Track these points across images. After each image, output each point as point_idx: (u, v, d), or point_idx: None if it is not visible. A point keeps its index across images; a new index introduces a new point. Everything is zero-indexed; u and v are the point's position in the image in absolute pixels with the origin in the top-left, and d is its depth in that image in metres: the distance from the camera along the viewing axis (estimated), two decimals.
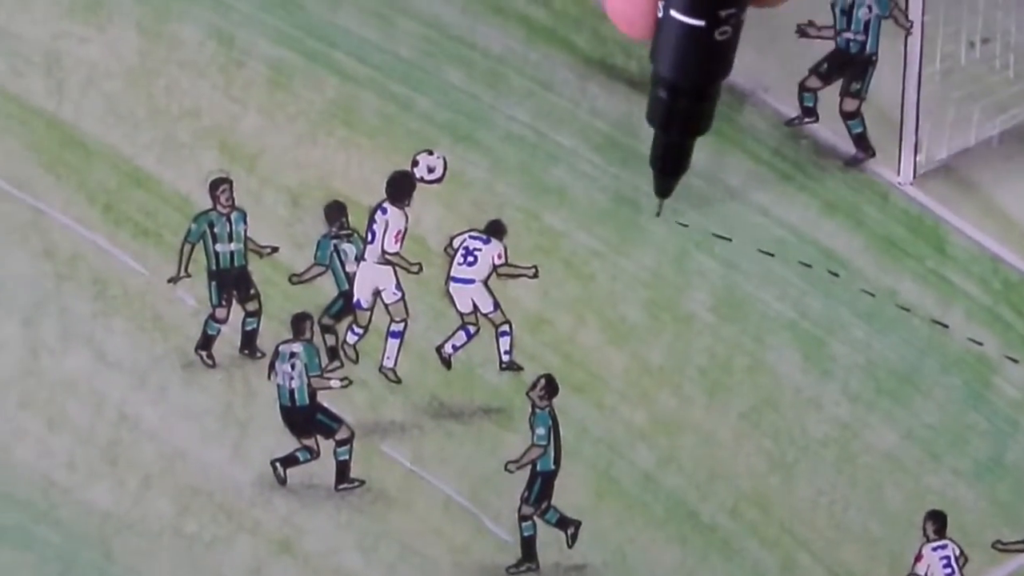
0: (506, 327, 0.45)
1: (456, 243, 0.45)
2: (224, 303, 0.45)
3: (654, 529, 0.45)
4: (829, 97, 0.46)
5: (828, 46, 0.46)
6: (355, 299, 0.46)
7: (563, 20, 0.45)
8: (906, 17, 0.46)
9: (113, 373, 0.45)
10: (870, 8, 0.46)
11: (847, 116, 0.46)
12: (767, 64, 0.45)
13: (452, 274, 0.45)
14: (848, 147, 0.46)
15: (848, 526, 0.45)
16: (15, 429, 0.44)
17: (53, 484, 0.44)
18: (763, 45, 0.45)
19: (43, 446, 0.44)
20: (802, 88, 0.46)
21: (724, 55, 0.31)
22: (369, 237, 0.45)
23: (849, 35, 0.46)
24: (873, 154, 0.46)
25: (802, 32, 0.46)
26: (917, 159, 0.46)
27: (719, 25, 0.30)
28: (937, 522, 0.45)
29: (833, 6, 0.46)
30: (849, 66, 0.46)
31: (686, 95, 0.33)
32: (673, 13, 0.30)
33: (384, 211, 0.45)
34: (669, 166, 0.37)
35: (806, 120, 0.46)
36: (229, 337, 0.45)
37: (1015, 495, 0.45)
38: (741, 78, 0.45)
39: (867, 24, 0.46)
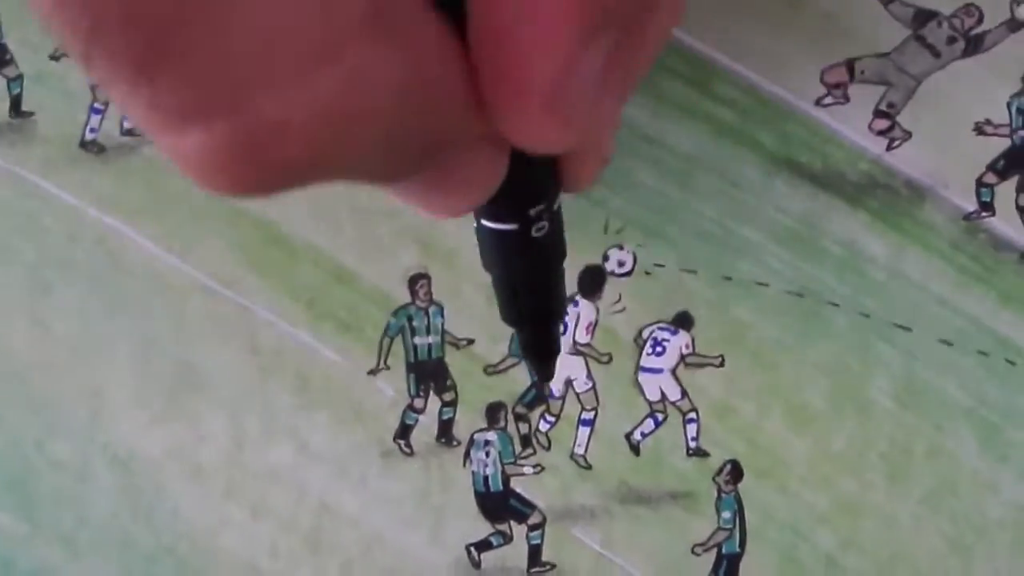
0: (693, 415, 0.47)
1: (645, 334, 0.47)
2: (422, 394, 0.47)
3: None
4: (1006, 192, 0.48)
5: (1005, 143, 0.47)
6: (548, 389, 0.47)
7: (749, 120, 0.47)
8: None
9: (315, 463, 0.46)
10: None
11: (1023, 211, 0.48)
12: (946, 162, 0.47)
13: (641, 364, 0.47)
14: None
15: None
16: (220, 517, 0.46)
17: (256, 571, 0.46)
18: (942, 143, 0.47)
19: (247, 534, 0.46)
20: (979, 184, 0.47)
21: (549, 247, 0.29)
22: (562, 329, 0.47)
23: None
24: None
25: (979, 130, 0.47)
26: None
27: (533, 223, 0.28)
28: None
29: (1009, 105, 0.47)
30: None
31: (530, 290, 0.31)
32: (484, 223, 0.29)
33: (576, 304, 0.47)
34: (544, 352, 0.34)
35: (983, 214, 0.47)
36: (426, 426, 0.47)
37: None
38: (921, 175, 0.47)
39: None
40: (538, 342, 0.33)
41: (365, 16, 0.17)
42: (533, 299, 0.31)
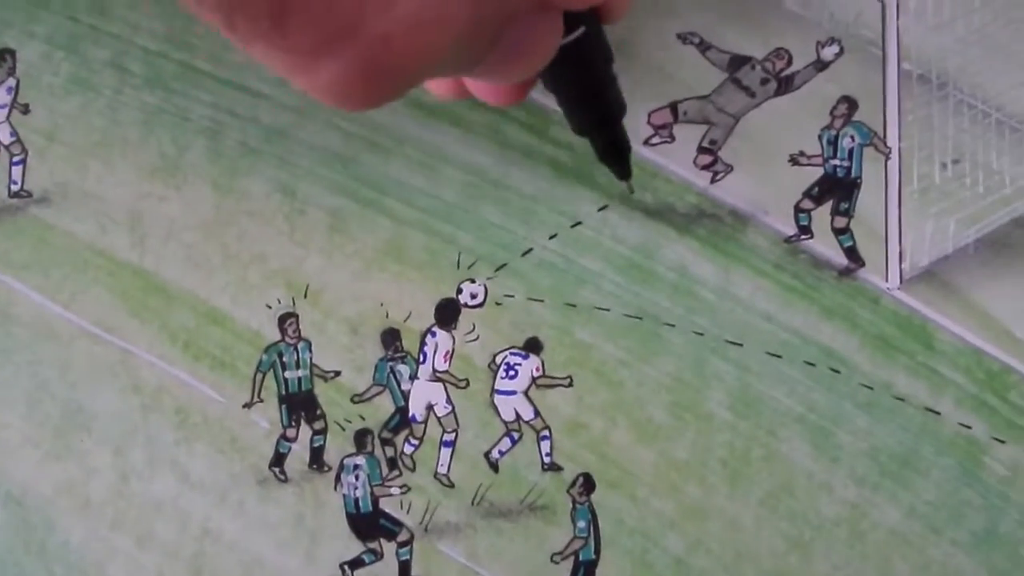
0: (546, 432, 0.51)
1: (498, 359, 0.51)
2: (294, 424, 0.51)
3: None
4: (822, 216, 0.52)
5: (818, 172, 0.52)
6: (411, 414, 0.51)
7: (585, 161, 0.51)
8: (884, 144, 0.52)
9: (196, 493, 0.50)
10: (852, 138, 0.52)
11: (838, 232, 0.52)
12: (766, 190, 0.51)
13: (496, 387, 0.51)
14: (841, 259, 0.52)
15: None
16: (108, 548, 0.49)
17: None
18: (761, 174, 0.52)
19: (133, 563, 0.49)
20: (797, 209, 0.52)
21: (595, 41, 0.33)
22: (421, 358, 0.51)
23: (836, 162, 0.52)
24: (863, 264, 0.52)
25: (794, 161, 0.52)
26: (903, 267, 0.51)
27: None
28: None
29: (820, 137, 0.52)
30: (837, 189, 0.52)
31: (594, 94, 0.36)
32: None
33: (434, 334, 0.51)
34: (621, 147, 0.39)
35: (802, 237, 0.52)
36: (299, 454, 0.50)
37: (1010, 563, 0.50)
38: (744, 203, 0.51)
39: (851, 152, 0.52)
40: (614, 140, 0.39)
41: None
42: (605, 95, 0.36)
